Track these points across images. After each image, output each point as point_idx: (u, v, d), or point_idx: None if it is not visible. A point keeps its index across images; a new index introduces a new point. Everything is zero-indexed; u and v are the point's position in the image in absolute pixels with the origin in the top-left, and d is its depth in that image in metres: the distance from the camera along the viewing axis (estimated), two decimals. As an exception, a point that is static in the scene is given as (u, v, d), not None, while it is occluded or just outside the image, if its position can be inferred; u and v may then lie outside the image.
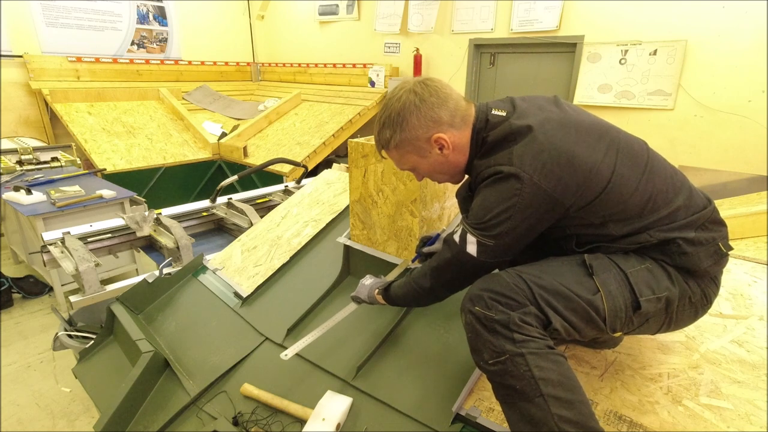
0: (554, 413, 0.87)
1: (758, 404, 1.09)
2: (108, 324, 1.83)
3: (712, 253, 1.01)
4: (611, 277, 0.98)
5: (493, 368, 0.93)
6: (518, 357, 0.89)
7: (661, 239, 0.99)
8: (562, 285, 0.96)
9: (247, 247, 2.16)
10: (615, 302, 0.96)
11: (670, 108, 3.86)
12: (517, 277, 0.97)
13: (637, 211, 1.00)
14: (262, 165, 3.55)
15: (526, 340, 0.90)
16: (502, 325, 0.92)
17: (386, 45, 5.82)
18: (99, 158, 4.58)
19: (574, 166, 0.96)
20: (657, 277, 0.99)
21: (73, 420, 2.20)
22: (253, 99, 7.06)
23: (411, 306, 1.49)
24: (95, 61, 5.81)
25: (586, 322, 0.97)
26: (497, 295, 0.94)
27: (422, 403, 1.26)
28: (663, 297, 0.98)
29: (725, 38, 3.51)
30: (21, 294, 3.38)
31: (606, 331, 0.99)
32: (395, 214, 1.62)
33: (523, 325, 0.91)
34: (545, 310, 0.94)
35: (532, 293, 0.94)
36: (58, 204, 2.99)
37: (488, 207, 1.00)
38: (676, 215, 1.01)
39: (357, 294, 1.41)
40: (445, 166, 1.13)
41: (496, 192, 0.99)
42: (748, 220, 2.35)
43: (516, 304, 0.93)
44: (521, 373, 0.89)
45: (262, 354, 1.57)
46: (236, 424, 1.31)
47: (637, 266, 0.99)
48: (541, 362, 0.89)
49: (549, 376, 0.89)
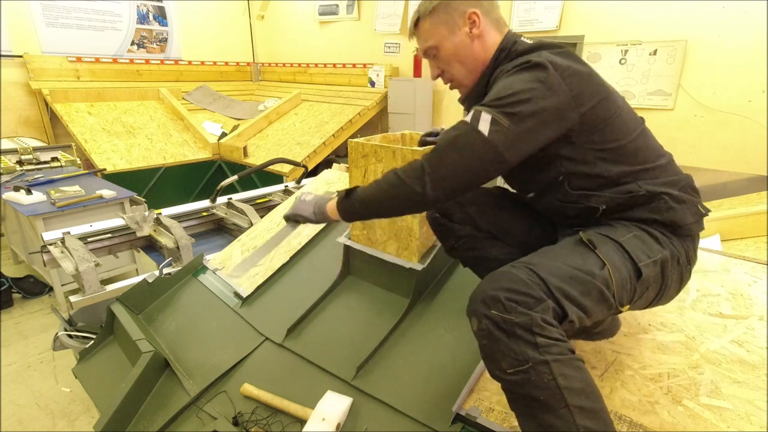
0: (579, 425, 0.82)
1: (758, 404, 1.09)
2: (108, 324, 1.83)
3: (694, 212, 1.07)
4: (611, 249, 0.98)
5: (513, 378, 0.85)
6: (542, 365, 0.82)
7: (648, 191, 1.03)
8: (573, 267, 0.93)
9: (247, 247, 2.16)
10: (621, 274, 0.96)
11: (670, 108, 3.86)
12: (527, 269, 0.91)
13: (630, 155, 1.04)
14: (262, 165, 3.55)
15: (549, 345, 0.83)
16: (524, 328, 0.83)
17: (386, 45, 5.82)
18: (99, 158, 4.58)
19: (595, 83, 1.01)
20: (647, 243, 1.02)
21: (73, 420, 2.20)
22: (253, 99, 7.06)
23: (376, 216, 1.11)
24: (95, 61, 5.81)
25: (598, 303, 0.94)
26: (513, 293, 0.86)
27: (422, 403, 1.26)
28: (658, 260, 1.01)
29: (725, 38, 3.51)
30: (21, 294, 3.37)
31: (615, 306, 0.97)
32: (395, 214, 1.62)
33: (546, 326, 0.84)
34: (562, 302, 0.88)
35: (547, 285, 0.88)
36: (58, 204, 2.99)
37: (509, 87, 0.97)
38: (661, 171, 1.06)
39: (295, 211, 1.20)
40: (466, 54, 1.13)
41: (520, 77, 0.98)
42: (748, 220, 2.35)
43: (534, 302, 0.86)
44: (545, 382, 0.82)
45: (262, 354, 1.57)
46: (236, 424, 1.31)
47: (627, 235, 1.02)
48: (565, 370, 0.83)
49: (573, 385, 0.83)
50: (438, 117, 5.54)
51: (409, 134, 1.80)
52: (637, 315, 1.42)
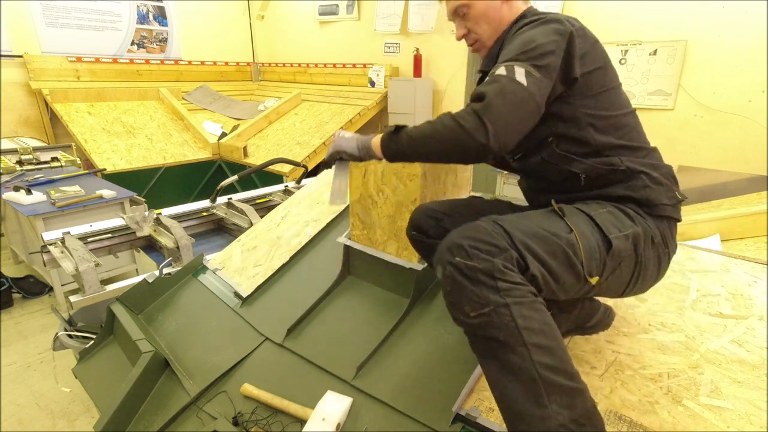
0: (535, 360, 0.86)
1: (758, 404, 1.09)
2: (108, 324, 1.83)
3: (671, 196, 1.11)
4: (580, 220, 1.03)
5: (475, 321, 0.89)
6: (502, 308, 0.87)
7: (629, 168, 1.08)
8: (539, 227, 0.97)
9: (247, 247, 2.16)
10: (588, 242, 0.99)
11: (670, 108, 3.86)
12: (494, 223, 0.95)
13: (618, 128, 1.10)
14: (262, 165, 3.55)
15: (510, 289, 0.88)
16: (485, 273, 0.88)
17: (386, 45, 5.82)
18: (99, 158, 4.58)
19: (600, 52, 1.09)
20: (619, 219, 1.05)
21: (73, 420, 2.20)
22: (253, 99, 7.06)
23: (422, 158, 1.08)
24: (95, 61, 5.81)
25: (565, 267, 0.96)
26: (478, 242, 0.90)
27: (422, 403, 1.26)
28: (630, 234, 1.03)
29: (725, 38, 3.51)
30: (21, 294, 3.38)
31: (584, 276, 0.98)
32: (395, 214, 1.62)
33: (507, 271, 0.88)
34: (524, 254, 0.91)
35: (511, 237, 0.92)
36: (58, 204, 2.99)
37: (532, 40, 1.01)
38: (645, 154, 1.12)
39: (338, 148, 1.16)
40: (495, 15, 1.18)
41: (540, 29, 1.04)
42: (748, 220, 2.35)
43: (497, 250, 0.90)
44: (505, 323, 0.87)
45: (262, 354, 1.57)
46: (236, 424, 1.31)
47: (600, 210, 1.06)
48: (525, 311, 0.88)
49: (532, 325, 0.87)
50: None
51: (409, 134, 1.79)
52: (637, 315, 1.42)
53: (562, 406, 0.86)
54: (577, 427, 0.86)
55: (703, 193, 3.67)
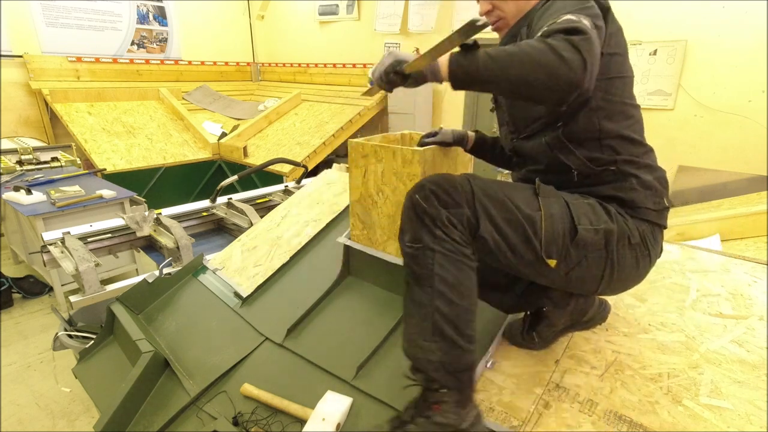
0: (435, 304, 0.97)
1: (758, 404, 1.09)
2: (108, 324, 1.83)
3: (656, 201, 1.11)
4: (555, 202, 1.05)
5: (408, 250, 1.02)
6: (429, 251, 0.98)
7: (620, 169, 1.09)
8: (506, 197, 1.01)
9: (247, 247, 2.16)
10: (554, 226, 1.02)
11: (670, 108, 3.86)
12: (465, 180, 1.01)
13: (626, 117, 1.09)
14: (262, 165, 3.55)
15: (443, 240, 0.97)
16: (430, 218, 0.98)
17: (386, 45, 5.82)
18: (99, 158, 4.58)
19: (624, 41, 1.08)
20: (597, 213, 1.06)
21: (73, 420, 2.20)
22: (253, 99, 7.07)
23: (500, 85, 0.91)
24: (95, 61, 5.81)
25: (521, 240, 1.01)
26: (439, 189, 0.99)
27: (422, 403, 1.26)
28: (601, 229, 1.04)
29: (725, 38, 3.51)
30: (21, 294, 3.38)
31: (541, 254, 1.01)
32: (395, 214, 1.62)
33: (449, 225, 0.97)
34: (479, 214, 0.98)
35: (473, 197, 0.99)
36: (58, 204, 2.99)
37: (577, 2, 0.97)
38: (643, 152, 1.12)
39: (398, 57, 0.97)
40: None
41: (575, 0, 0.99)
42: (748, 220, 2.35)
43: (451, 203, 0.98)
44: (426, 264, 0.98)
45: (262, 354, 1.57)
46: (236, 424, 1.31)
47: (581, 200, 1.07)
48: (445, 262, 0.97)
49: (446, 276, 0.97)
50: (438, 117, 5.54)
51: (409, 134, 1.80)
52: (637, 315, 1.42)
53: (439, 350, 0.97)
54: (443, 373, 0.97)
55: (703, 193, 3.67)
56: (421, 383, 1.02)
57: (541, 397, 1.18)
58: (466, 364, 1.00)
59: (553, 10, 1.01)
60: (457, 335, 0.98)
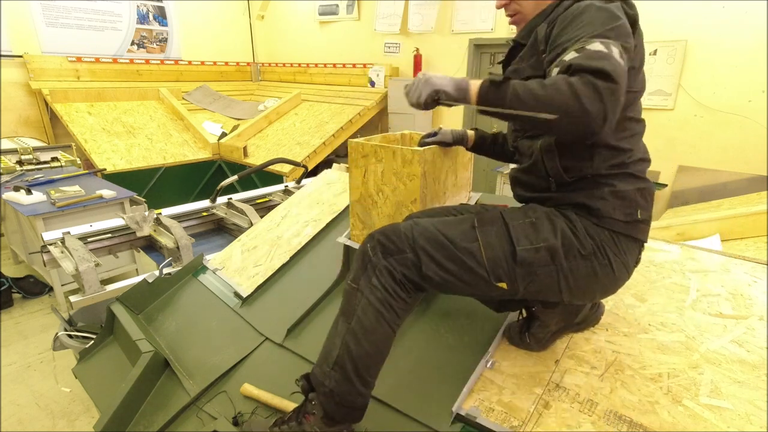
0: (346, 339, 1.07)
1: (758, 404, 1.09)
2: (108, 324, 1.83)
3: (628, 213, 1.08)
4: (493, 231, 1.09)
5: (346, 286, 1.13)
6: (360, 293, 1.08)
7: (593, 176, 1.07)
8: (444, 236, 1.08)
9: (247, 247, 2.17)
10: (494, 252, 1.06)
11: (670, 108, 3.86)
12: (409, 227, 1.10)
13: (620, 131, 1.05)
14: (262, 165, 3.55)
15: (376, 288, 1.06)
16: (372, 266, 1.08)
17: (386, 45, 5.83)
18: (99, 158, 4.58)
19: (643, 52, 1.08)
20: (538, 229, 1.07)
21: (73, 420, 2.20)
22: (253, 99, 7.07)
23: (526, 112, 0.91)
24: (95, 61, 5.81)
25: (466, 271, 1.06)
26: (386, 239, 1.09)
27: (422, 403, 1.26)
28: (542, 247, 1.05)
29: (725, 38, 3.51)
30: (21, 294, 3.38)
31: (491, 280, 1.06)
32: (395, 214, 1.62)
33: (386, 275, 1.06)
34: (421, 258, 1.06)
35: (414, 241, 1.08)
36: (58, 204, 2.99)
37: (614, 16, 0.96)
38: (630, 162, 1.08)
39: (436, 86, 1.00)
40: None
41: (605, 9, 0.98)
42: (748, 220, 2.35)
43: (395, 250, 1.08)
44: (353, 302, 1.09)
45: (262, 354, 1.57)
46: (236, 424, 1.31)
47: (521, 220, 1.09)
48: (368, 309, 1.06)
49: (364, 320, 1.07)
50: (438, 117, 5.54)
51: (409, 134, 1.80)
52: (637, 315, 1.42)
53: (335, 380, 1.07)
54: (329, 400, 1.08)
55: (703, 193, 3.67)
56: (303, 392, 1.14)
57: (541, 397, 1.18)
58: (352, 403, 1.09)
59: (582, 21, 0.96)
60: (354, 375, 1.07)
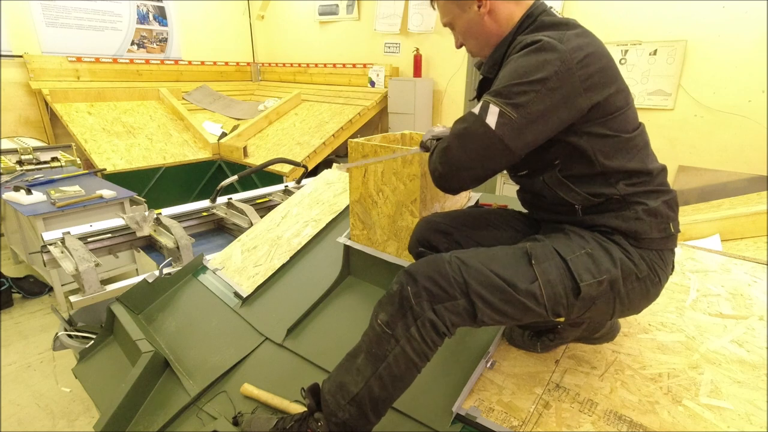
0: (370, 383, 1.02)
1: (758, 404, 1.09)
2: (108, 324, 1.83)
3: (662, 228, 1.06)
4: (552, 266, 1.01)
5: (376, 328, 1.04)
6: (394, 341, 1.00)
7: (623, 197, 1.04)
8: (499, 277, 0.99)
9: (247, 247, 2.16)
10: (554, 290, 1.00)
11: (670, 108, 3.86)
12: (458, 269, 1.00)
13: (627, 150, 1.04)
14: (262, 165, 3.55)
15: (413, 339, 0.99)
16: (414, 316, 0.99)
17: (386, 45, 5.82)
18: (99, 158, 4.58)
19: (610, 74, 1.00)
20: (597, 261, 1.02)
21: (73, 420, 2.20)
22: (253, 99, 7.06)
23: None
24: (95, 61, 5.80)
25: (523, 311, 1.01)
26: (433, 284, 0.99)
27: (422, 403, 1.26)
28: (604, 280, 1.01)
29: (725, 38, 3.51)
30: (21, 294, 3.38)
31: (549, 317, 1.02)
32: (395, 214, 1.62)
33: (428, 328, 0.98)
34: (476, 304, 0.98)
35: (467, 287, 0.98)
36: (58, 204, 2.99)
37: (518, 73, 0.96)
38: (649, 178, 1.06)
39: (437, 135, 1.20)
40: (478, 30, 1.14)
41: (529, 60, 0.97)
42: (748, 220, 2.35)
43: (445, 297, 0.98)
44: (384, 348, 1.01)
45: (262, 354, 1.57)
46: (236, 424, 1.31)
47: (578, 252, 1.03)
48: (401, 358, 1.00)
49: (394, 369, 1.01)
50: (438, 117, 5.54)
51: (409, 134, 1.80)
52: (637, 315, 1.42)
53: (350, 415, 1.03)
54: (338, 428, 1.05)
55: (703, 193, 3.67)
56: (308, 410, 1.12)
57: (541, 397, 1.18)
58: (362, 431, 1.07)
59: (502, 75, 1.01)
60: (372, 413, 1.04)
